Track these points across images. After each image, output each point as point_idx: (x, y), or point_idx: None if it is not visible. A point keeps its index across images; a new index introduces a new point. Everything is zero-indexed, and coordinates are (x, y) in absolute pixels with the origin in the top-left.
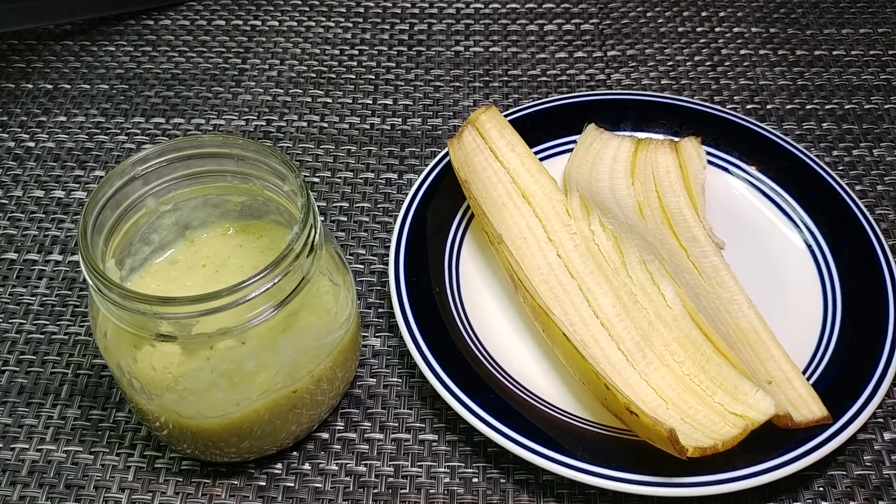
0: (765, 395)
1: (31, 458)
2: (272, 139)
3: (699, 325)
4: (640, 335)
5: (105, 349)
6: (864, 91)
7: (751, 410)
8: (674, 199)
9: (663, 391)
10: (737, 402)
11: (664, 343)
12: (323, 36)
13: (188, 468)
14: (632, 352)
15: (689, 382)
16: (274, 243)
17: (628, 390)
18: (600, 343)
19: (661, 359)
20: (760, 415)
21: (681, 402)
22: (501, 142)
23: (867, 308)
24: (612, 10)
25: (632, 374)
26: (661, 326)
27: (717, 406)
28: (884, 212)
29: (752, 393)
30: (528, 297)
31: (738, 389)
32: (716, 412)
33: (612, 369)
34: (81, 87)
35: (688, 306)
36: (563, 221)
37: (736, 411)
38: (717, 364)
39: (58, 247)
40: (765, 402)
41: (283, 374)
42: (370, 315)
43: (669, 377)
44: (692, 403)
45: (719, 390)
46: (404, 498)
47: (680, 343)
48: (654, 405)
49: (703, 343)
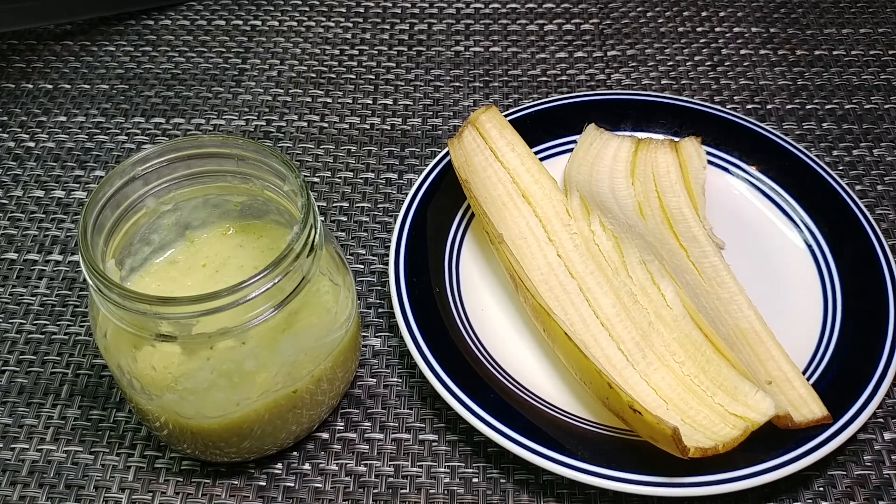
0: (765, 396)
1: (32, 458)
2: (272, 139)
3: (699, 326)
4: (641, 335)
5: (105, 349)
6: (864, 91)
7: (751, 411)
8: (674, 198)
9: (663, 391)
10: (737, 402)
11: (664, 343)
12: (323, 36)
13: (188, 468)
14: (632, 352)
15: (690, 383)
16: (274, 243)
17: (629, 390)
18: (600, 343)
19: (662, 359)
20: (760, 416)
21: (681, 402)
22: (501, 142)
23: (867, 308)
24: (612, 10)
25: (632, 374)
26: (661, 327)
27: (718, 407)
28: (884, 212)
29: (752, 394)
30: (528, 297)
31: (738, 390)
32: (716, 413)
33: (612, 369)
34: (81, 87)
35: (688, 306)
36: (564, 221)
37: (736, 412)
38: (717, 365)
39: (58, 247)
40: (765, 403)
41: (283, 374)
42: (370, 315)
43: (670, 377)
44: (692, 404)
45: (719, 391)
46: (404, 498)
47: (680, 343)
48: (655, 406)
49: (704, 343)
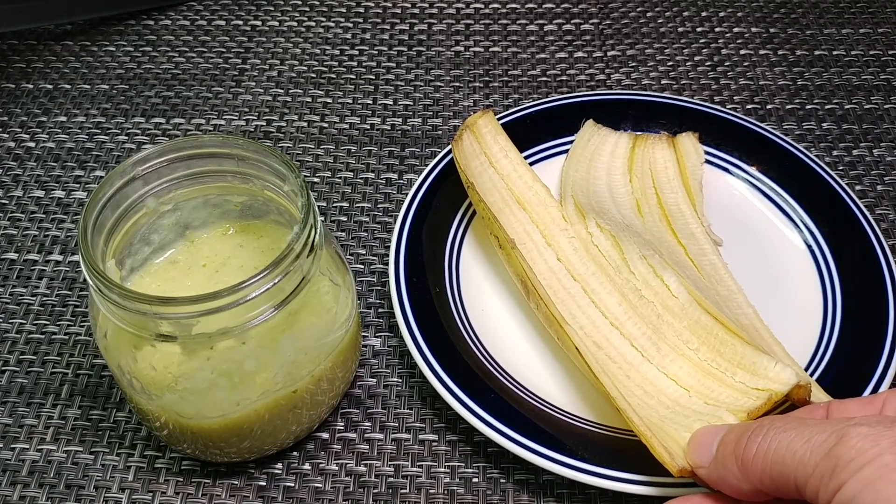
0: (784, 367)
1: (32, 458)
2: (272, 139)
3: (707, 310)
4: (651, 329)
5: (105, 349)
6: (864, 91)
7: (773, 383)
8: (671, 195)
9: (683, 381)
10: (757, 377)
11: (676, 333)
12: (323, 36)
13: (188, 468)
14: (645, 347)
15: (708, 367)
16: (274, 243)
17: (648, 386)
18: (613, 343)
19: (676, 349)
20: (783, 385)
21: (702, 388)
22: (496, 147)
23: (867, 308)
24: (612, 10)
25: (650, 369)
26: (670, 317)
27: (740, 385)
28: (884, 212)
29: (772, 367)
30: (541, 305)
31: (757, 365)
32: (739, 391)
33: (629, 367)
34: (81, 87)
35: (693, 293)
36: (560, 226)
37: (758, 386)
38: (731, 345)
39: (58, 247)
40: (785, 374)
41: (283, 374)
42: (370, 315)
43: (687, 366)
44: (714, 387)
45: (738, 370)
46: (404, 498)
47: (691, 330)
48: (677, 396)
49: (714, 326)
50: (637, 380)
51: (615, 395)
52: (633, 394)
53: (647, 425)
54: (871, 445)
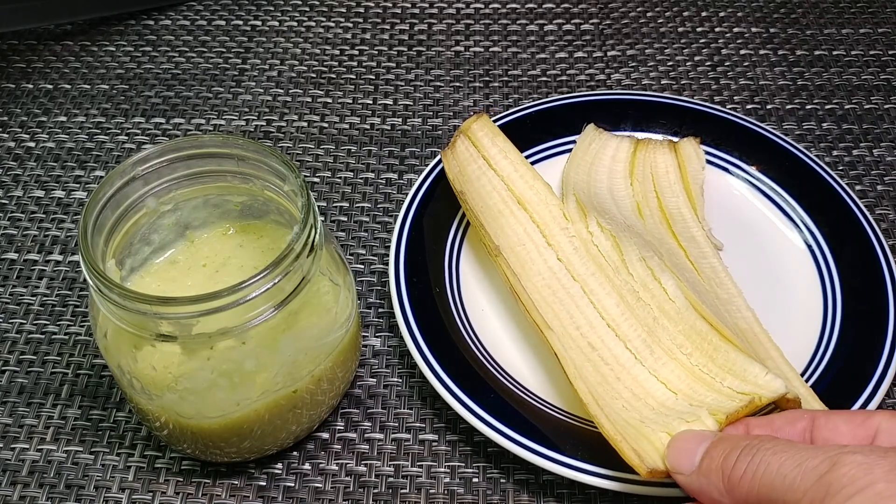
0: (774, 377)
1: (32, 458)
2: (272, 139)
3: (703, 316)
4: (647, 332)
5: (105, 349)
6: (864, 91)
7: (760, 390)
8: (672, 199)
9: (673, 384)
10: (746, 383)
11: (670, 337)
12: (323, 36)
13: (188, 468)
14: (639, 349)
15: (699, 373)
16: (274, 243)
17: (638, 388)
18: (608, 344)
19: (669, 353)
20: (771, 393)
21: (690, 391)
22: (494, 149)
23: (867, 308)
24: (612, 10)
25: (641, 371)
26: (665, 321)
27: (727, 390)
28: (884, 212)
29: (762, 375)
30: (525, 313)
31: (748, 372)
32: (725, 395)
33: (621, 369)
34: (81, 87)
35: (690, 298)
36: (561, 225)
37: (745, 391)
38: (724, 351)
39: (58, 247)
40: (775, 383)
41: (283, 374)
42: (370, 315)
43: (679, 370)
44: (702, 391)
45: (728, 375)
46: (404, 498)
47: (686, 335)
48: (664, 398)
49: (709, 332)
50: (627, 382)
51: (588, 401)
52: (621, 395)
53: (617, 429)
54: (865, 473)
